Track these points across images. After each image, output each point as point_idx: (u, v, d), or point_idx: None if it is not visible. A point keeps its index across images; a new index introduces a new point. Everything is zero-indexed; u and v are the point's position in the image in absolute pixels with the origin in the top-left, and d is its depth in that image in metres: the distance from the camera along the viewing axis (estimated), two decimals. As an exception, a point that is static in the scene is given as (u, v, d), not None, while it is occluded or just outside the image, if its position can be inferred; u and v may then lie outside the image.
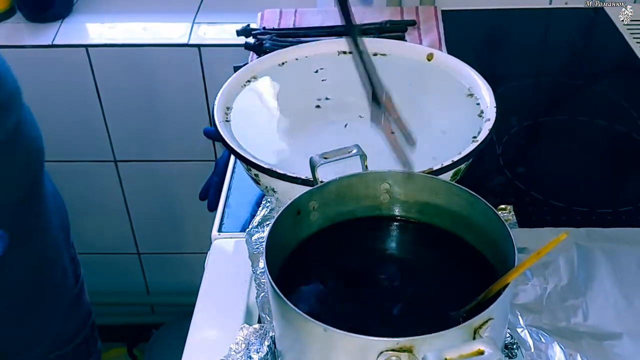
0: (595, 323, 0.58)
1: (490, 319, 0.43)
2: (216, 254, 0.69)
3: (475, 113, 0.71)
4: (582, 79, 0.98)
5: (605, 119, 0.87)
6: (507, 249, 0.48)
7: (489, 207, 0.50)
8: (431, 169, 0.62)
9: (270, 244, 0.48)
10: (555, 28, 1.12)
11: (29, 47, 1.19)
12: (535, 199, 0.74)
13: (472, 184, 0.74)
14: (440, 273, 0.53)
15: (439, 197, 0.54)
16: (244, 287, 0.65)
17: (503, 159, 0.80)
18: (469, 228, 0.53)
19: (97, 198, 1.41)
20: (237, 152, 0.64)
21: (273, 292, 0.44)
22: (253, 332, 0.59)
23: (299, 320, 0.43)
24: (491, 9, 1.11)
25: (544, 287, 0.61)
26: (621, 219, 0.71)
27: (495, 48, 1.06)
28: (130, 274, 1.55)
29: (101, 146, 1.33)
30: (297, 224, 0.53)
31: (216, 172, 0.89)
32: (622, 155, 0.83)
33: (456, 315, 0.47)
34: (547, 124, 0.89)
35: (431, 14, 1.05)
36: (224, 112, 0.71)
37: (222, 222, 0.73)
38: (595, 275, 0.62)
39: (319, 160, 0.54)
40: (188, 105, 1.26)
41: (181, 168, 1.37)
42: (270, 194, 0.67)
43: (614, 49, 1.03)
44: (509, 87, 0.94)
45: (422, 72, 0.77)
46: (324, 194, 0.54)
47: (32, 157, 0.70)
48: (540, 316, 0.58)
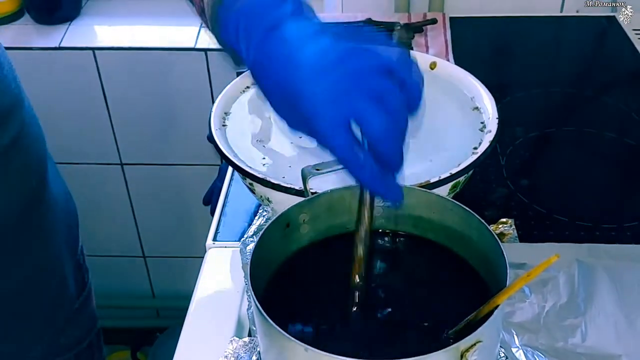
0: (593, 344, 0.56)
1: (478, 341, 0.41)
2: (210, 263, 0.69)
3: (477, 123, 0.69)
4: (592, 89, 0.96)
5: (613, 131, 0.85)
6: (500, 268, 0.46)
7: (483, 223, 0.49)
8: (428, 181, 0.60)
9: (257, 256, 0.47)
10: (566, 36, 1.10)
11: (36, 49, 1.19)
12: (538, 213, 0.73)
13: (474, 196, 0.73)
14: (433, 290, 0.52)
15: (433, 212, 0.53)
16: (236, 298, 0.64)
17: (506, 171, 0.79)
18: (463, 244, 0.52)
19: (103, 201, 1.41)
20: (231, 160, 0.63)
21: (255, 307, 0.43)
22: (242, 346, 0.58)
23: (280, 338, 0.42)
24: (500, 16, 1.10)
25: (542, 305, 0.59)
26: (625, 235, 0.69)
27: (503, 56, 1.05)
28: (136, 277, 1.55)
29: (107, 149, 1.33)
30: (287, 237, 0.52)
31: (220, 177, 0.89)
32: (629, 169, 0.81)
33: (446, 336, 0.46)
34: (554, 135, 0.87)
35: (439, 20, 1.04)
36: (221, 118, 0.71)
37: (217, 231, 0.72)
38: (596, 294, 0.60)
39: (310, 172, 0.52)
40: (194, 109, 1.25)
41: (187, 172, 1.37)
42: (265, 203, 0.66)
43: (625, 59, 1.01)
44: (516, 96, 0.93)
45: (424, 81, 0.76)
46: (315, 206, 0.52)
47: (34, 164, 0.68)
48: (536, 336, 0.56)
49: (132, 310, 1.58)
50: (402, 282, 0.53)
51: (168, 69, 1.20)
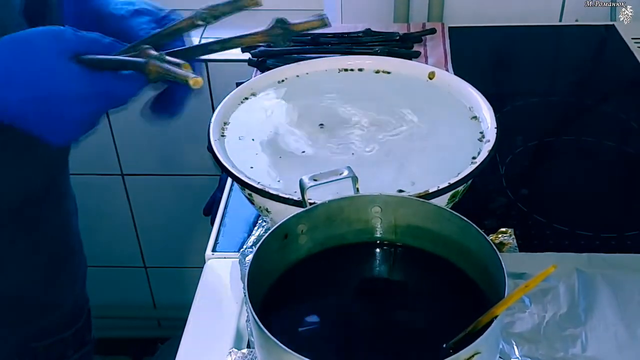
0: (594, 354, 0.56)
1: (476, 352, 0.41)
2: (209, 274, 0.68)
3: (476, 133, 0.69)
4: (591, 98, 0.96)
5: (613, 140, 0.85)
6: (498, 278, 0.46)
7: (481, 233, 0.49)
8: (427, 191, 0.60)
9: (255, 267, 0.47)
10: (565, 46, 1.10)
11: (37, 61, 1.19)
12: (538, 222, 0.73)
13: (473, 206, 0.73)
14: (431, 301, 0.52)
15: (430, 222, 0.52)
16: (235, 309, 0.64)
17: (506, 180, 0.79)
18: (461, 254, 0.52)
19: (104, 211, 1.41)
20: (230, 171, 0.63)
21: (253, 319, 0.43)
22: (241, 357, 0.57)
23: (278, 350, 0.41)
24: (499, 26, 1.10)
25: (542, 315, 0.59)
26: (626, 244, 0.69)
27: (502, 66, 1.05)
28: (137, 288, 1.55)
29: (108, 159, 1.33)
30: (285, 248, 0.51)
31: (220, 187, 0.88)
32: (629, 178, 0.81)
33: (445, 347, 0.45)
34: (553, 144, 0.87)
35: (438, 30, 1.04)
36: (220, 128, 0.71)
37: (216, 242, 0.72)
38: (596, 304, 0.60)
39: (308, 182, 0.52)
40: (195, 119, 1.24)
41: (188, 182, 1.36)
42: (264, 214, 0.66)
43: (625, 67, 1.00)
44: (516, 106, 0.93)
45: (423, 91, 0.76)
46: (313, 217, 0.52)
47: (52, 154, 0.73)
48: (536, 346, 0.56)
49: (133, 321, 1.58)
50: (400, 293, 0.53)
51: (168, 80, 1.20)
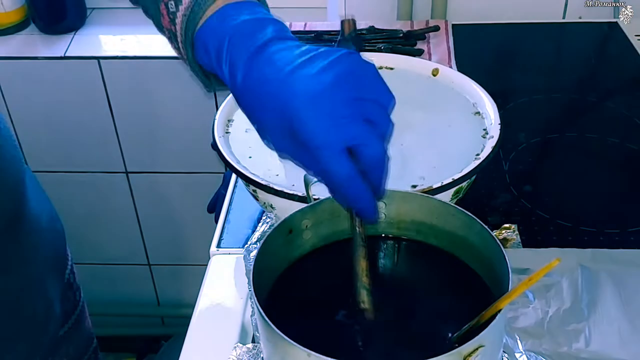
0: (597, 349, 0.56)
1: (480, 346, 0.41)
2: (214, 270, 0.69)
3: (479, 129, 0.69)
4: (594, 95, 0.96)
5: (616, 137, 0.85)
6: (502, 272, 0.46)
7: (485, 228, 0.49)
8: (431, 187, 0.60)
9: (260, 263, 0.47)
10: (568, 43, 1.10)
11: (42, 59, 1.20)
12: (541, 218, 0.73)
13: (477, 202, 0.73)
14: (435, 295, 0.52)
15: (435, 217, 0.53)
16: (240, 304, 0.65)
17: (509, 176, 0.79)
18: (465, 249, 0.52)
19: (108, 209, 1.42)
20: (234, 167, 0.64)
21: (258, 313, 0.43)
22: (246, 352, 0.58)
23: (283, 344, 0.42)
24: (503, 23, 1.10)
25: (546, 310, 0.59)
26: (629, 240, 0.69)
27: (506, 63, 1.05)
28: (141, 285, 1.55)
29: (112, 157, 1.33)
30: (289, 243, 0.52)
31: (224, 185, 0.89)
32: (632, 174, 0.81)
33: (448, 340, 0.46)
34: (557, 141, 0.87)
35: (441, 27, 1.04)
36: (224, 125, 0.71)
37: (221, 238, 0.72)
38: (600, 299, 0.60)
39: (312, 177, 0.53)
40: (199, 117, 1.26)
41: (192, 180, 1.37)
42: (269, 210, 0.67)
43: (628, 64, 1.01)
44: (519, 102, 0.93)
45: (427, 87, 0.76)
46: (318, 212, 0.53)
47: (10, 186, 0.61)
48: (540, 341, 0.56)
49: (137, 318, 1.58)
50: (404, 287, 0.53)
51: (173, 78, 1.21)
